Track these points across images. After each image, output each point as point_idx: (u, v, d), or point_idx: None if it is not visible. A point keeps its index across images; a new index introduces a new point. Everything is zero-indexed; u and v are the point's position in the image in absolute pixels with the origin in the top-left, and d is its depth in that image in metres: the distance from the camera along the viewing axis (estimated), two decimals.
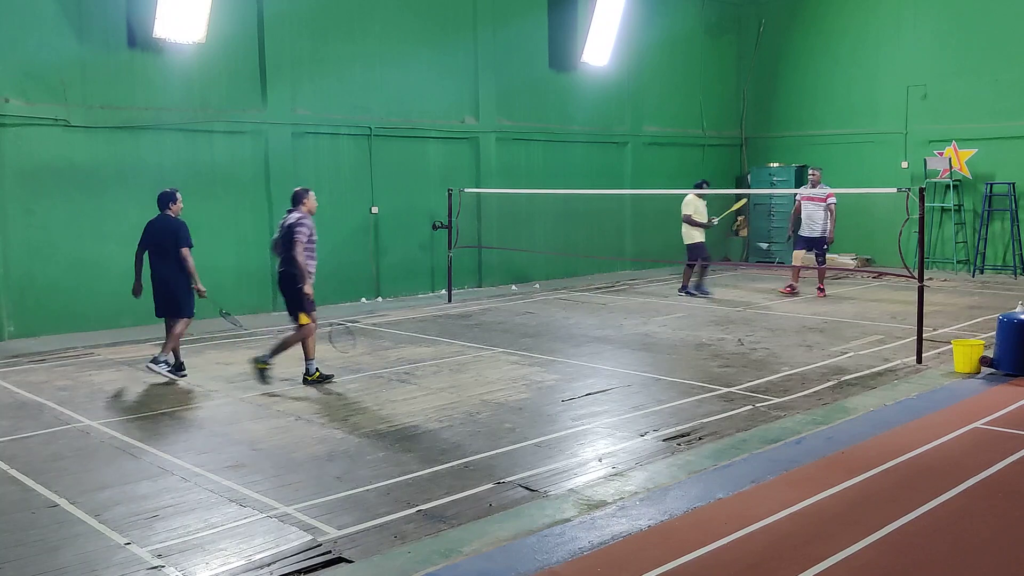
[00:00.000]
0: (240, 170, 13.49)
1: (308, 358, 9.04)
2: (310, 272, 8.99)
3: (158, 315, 9.38)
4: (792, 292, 14.96)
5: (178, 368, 9.36)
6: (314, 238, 9.05)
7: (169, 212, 9.28)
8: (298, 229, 8.86)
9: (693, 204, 14.88)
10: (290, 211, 9.14)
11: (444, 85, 15.86)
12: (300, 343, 8.96)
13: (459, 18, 15.98)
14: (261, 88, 13.61)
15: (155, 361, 9.21)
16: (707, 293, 15.01)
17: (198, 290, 9.21)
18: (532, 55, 17.28)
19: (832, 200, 14.61)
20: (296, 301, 8.92)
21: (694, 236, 14.86)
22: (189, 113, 12.92)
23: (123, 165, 12.36)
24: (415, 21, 15.35)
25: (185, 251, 9.09)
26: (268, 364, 8.80)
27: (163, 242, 9.18)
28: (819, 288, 14.92)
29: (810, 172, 15.14)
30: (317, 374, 9.04)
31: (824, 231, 14.67)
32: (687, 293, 15.04)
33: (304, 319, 8.89)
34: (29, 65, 11.58)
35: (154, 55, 12.56)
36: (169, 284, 9.19)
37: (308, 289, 8.89)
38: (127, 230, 12.43)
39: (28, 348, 11.00)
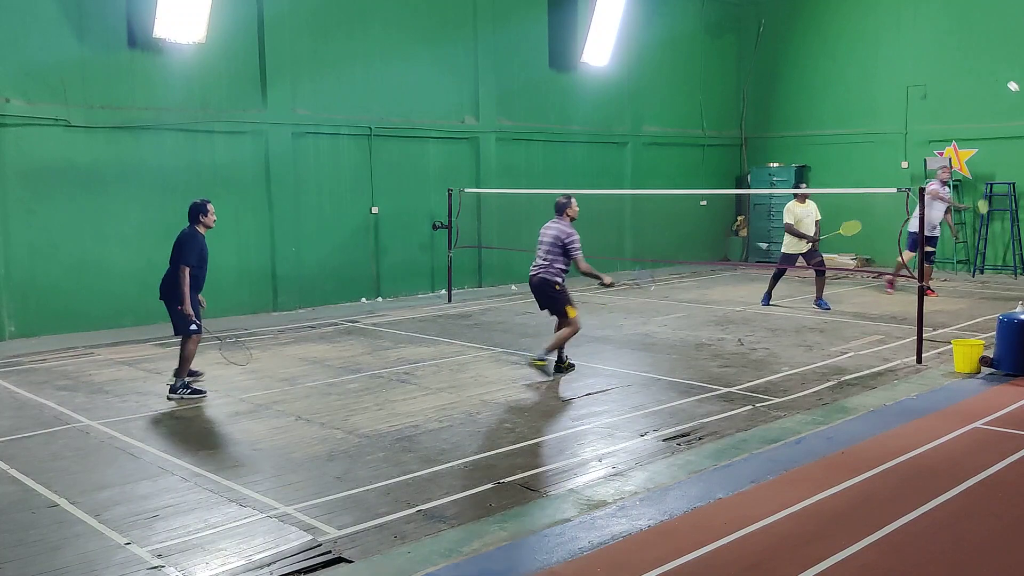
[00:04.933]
0: (240, 170, 13.49)
1: (551, 349, 9.34)
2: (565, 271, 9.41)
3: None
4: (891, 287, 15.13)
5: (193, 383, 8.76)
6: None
7: (198, 226, 8.60)
8: (571, 245, 9.25)
9: (792, 212, 13.41)
10: (554, 220, 9.51)
11: (444, 85, 15.86)
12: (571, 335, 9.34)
13: (459, 18, 15.98)
14: (261, 88, 13.62)
15: (172, 390, 8.51)
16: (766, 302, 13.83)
17: (183, 311, 8.37)
18: (532, 55, 17.29)
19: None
20: (560, 302, 9.30)
21: (788, 244, 13.53)
22: (189, 113, 12.92)
23: (124, 165, 12.37)
24: (415, 21, 15.35)
25: (180, 269, 8.36)
26: (545, 360, 9.14)
27: (172, 255, 8.61)
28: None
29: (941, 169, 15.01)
30: (567, 362, 9.54)
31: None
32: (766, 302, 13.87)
33: (572, 312, 9.23)
34: (29, 65, 11.59)
35: (154, 55, 12.56)
36: (168, 299, 8.58)
37: (608, 279, 9.49)
38: (128, 230, 12.47)
39: (28, 348, 11.00)
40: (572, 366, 9.56)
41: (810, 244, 13.37)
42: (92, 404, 8.34)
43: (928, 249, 14.46)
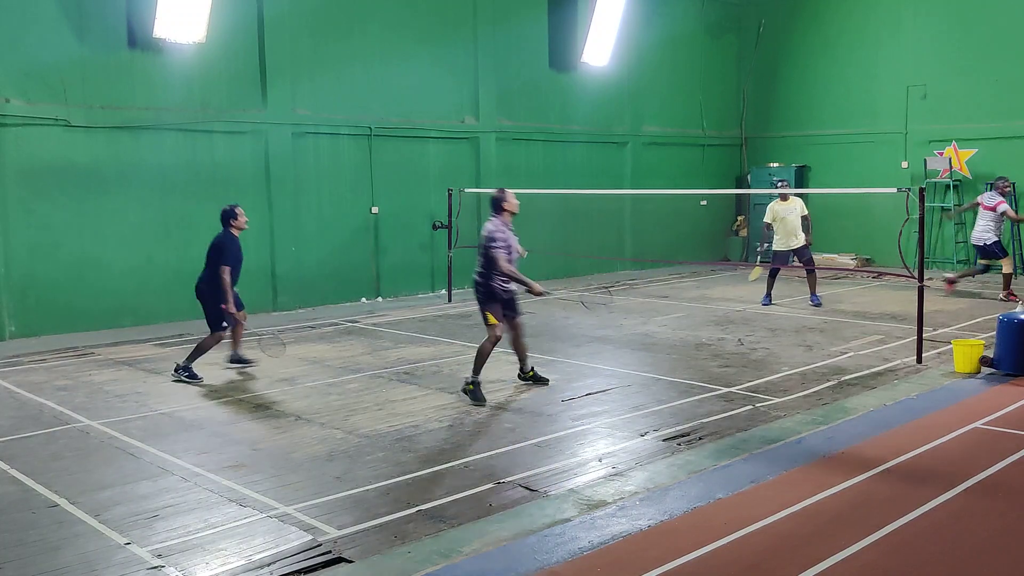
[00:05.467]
0: (240, 170, 13.49)
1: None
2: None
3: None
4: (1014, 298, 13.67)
5: (229, 364, 9.68)
6: (511, 243, 8.38)
7: (231, 229, 9.33)
8: (491, 245, 8.20)
9: (772, 211, 13.68)
10: (489, 219, 8.48)
11: (444, 85, 15.86)
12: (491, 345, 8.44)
13: (459, 18, 15.99)
14: (261, 88, 13.62)
15: (175, 369, 9.31)
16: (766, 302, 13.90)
17: (226, 310, 9.11)
18: (532, 55, 17.29)
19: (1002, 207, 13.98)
20: (480, 307, 8.48)
21: (777, 242, 13.73)
22: (189, 113, 12.92)
23: (123, 165, 12.37)
24: (415, 21, 15.36)
25: (222, 269, 9.05)
26: (472, 385, 8.22)
27: (209, 257, 9.27)
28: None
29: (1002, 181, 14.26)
30: (534, 372, 8.82)
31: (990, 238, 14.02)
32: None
33: (491, 319, 8.33)
34: (29, 65, 11.59)
35: (154, 55, 12.56)
36: (204, 297, 9.28)
37: (538, 288, 8.34)
38: (127, 230, 12.47)
39: (28, 348, 11.00)
40: (540, 379, 8.83)
41: (793, 242, 13.60)
42: (92, 404, 8.34)
43: (983, 261, 14.34)
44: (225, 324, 9.29)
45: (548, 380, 8.94)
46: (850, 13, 19.23)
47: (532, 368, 8.93)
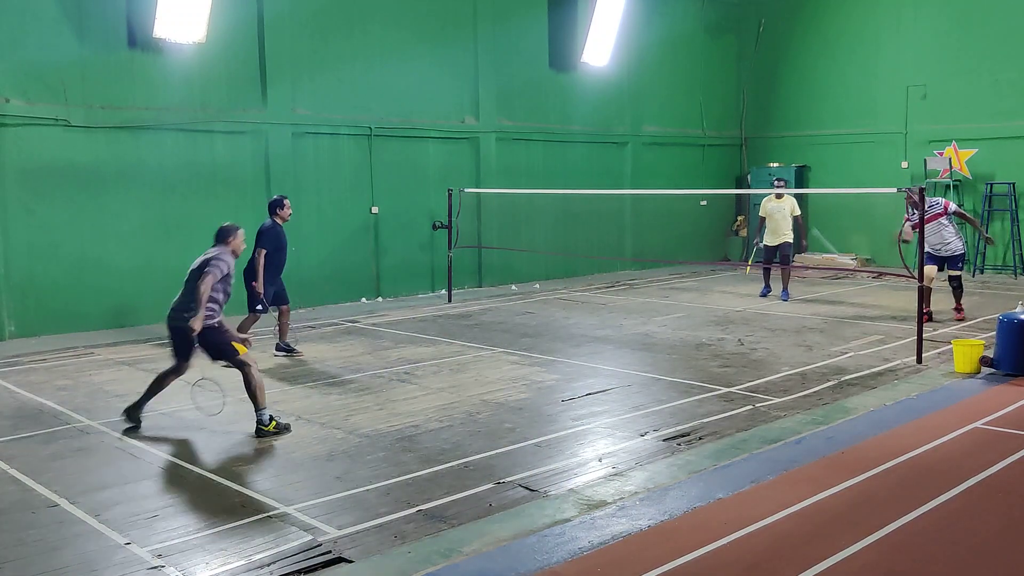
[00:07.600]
0: (240, 170, 13.49)
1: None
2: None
3: None
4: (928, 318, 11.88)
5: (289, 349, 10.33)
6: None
7: (276, 218, 10.16)
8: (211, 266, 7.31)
9: (763, 207, 14.74)
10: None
11: (444, 85, 15.86)
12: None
13: (459, 18, 15.99)
14: (261, 88, 13.61)
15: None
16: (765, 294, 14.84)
17: (255, 288, 9.75)
18: (532, 55, 17.29)
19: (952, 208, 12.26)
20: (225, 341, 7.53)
21: (765, 237, 14.74)
22: (189, 113, 12.92)
23: (123, 165, 12.37)
24: (415, 21, 15.35)
25: (257, 252, 9.81)
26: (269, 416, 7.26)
27: (255, 243, 9.86)
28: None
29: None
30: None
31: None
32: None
33: (241, 348, 7.41)
34: (29, 65, 11.58)
35: (154, 55, 12.56)
36: (244, 278, 9.83)
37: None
38: (127, 230, 12.47)
39: (28, 348, 11.00)
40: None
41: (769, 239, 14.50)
42: (92, 404, 8.34)
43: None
44: (259, 307, 9.81)
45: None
46: (850, 13, 19.23)
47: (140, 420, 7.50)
